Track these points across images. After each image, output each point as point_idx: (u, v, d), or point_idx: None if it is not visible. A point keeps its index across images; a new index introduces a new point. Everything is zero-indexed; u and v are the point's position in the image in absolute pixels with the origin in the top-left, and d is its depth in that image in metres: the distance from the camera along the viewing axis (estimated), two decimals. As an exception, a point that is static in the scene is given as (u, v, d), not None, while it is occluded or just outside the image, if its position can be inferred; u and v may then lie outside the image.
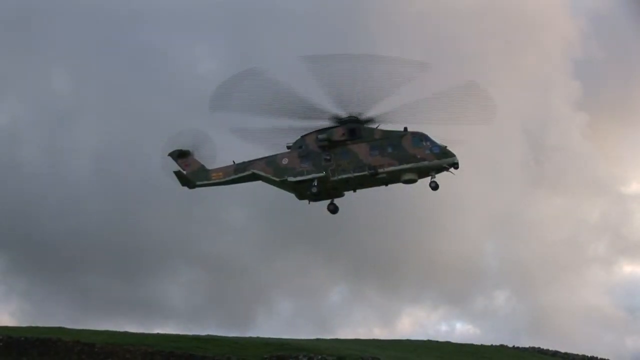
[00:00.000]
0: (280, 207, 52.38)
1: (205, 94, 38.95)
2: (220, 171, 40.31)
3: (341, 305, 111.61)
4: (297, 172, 38.03)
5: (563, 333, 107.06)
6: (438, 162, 36.39)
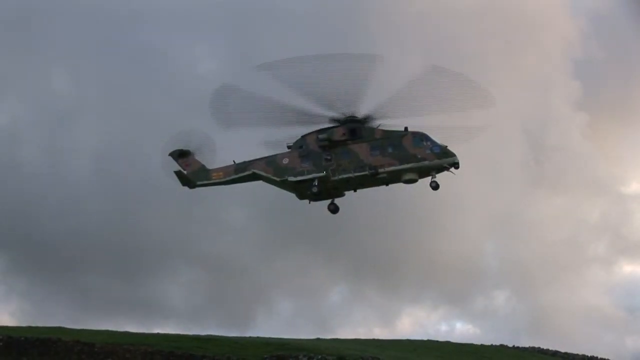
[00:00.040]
0: (281, 207, 52.35)
1: (205, 94, 38.88)
2: (221, 171, 40.23)
3: (341, 305, 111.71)
4: (298, 172, 37.96)
5: (563, 333, 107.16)
6: (438, 161, 36.33)
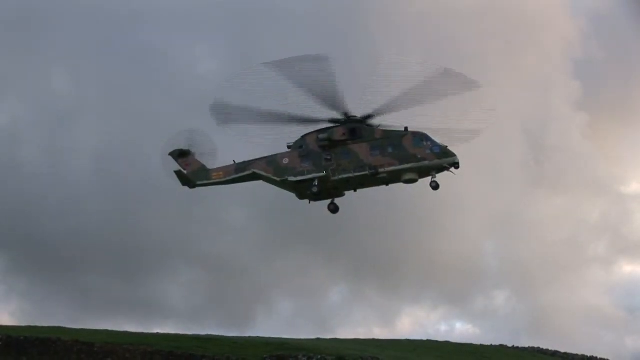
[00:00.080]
0: (281, 207, 52.34)
1: (205, 94, 39.02)
2: (221, 171, 40.23)
3: (341, 305, 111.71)
4: (298, 171, 37.96)
5: (563, 333, 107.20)
6: (439, 161, 36.31)
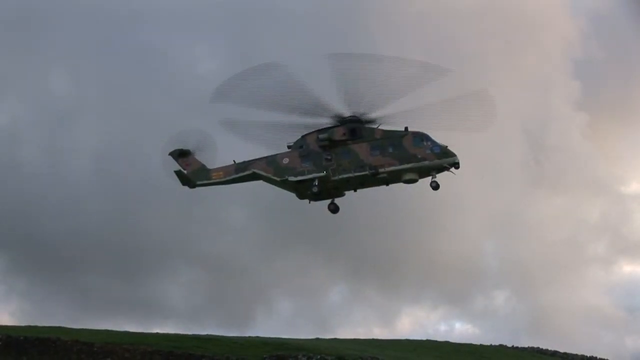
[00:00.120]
0: (281, 207, 52.30)
1: (205, 94, 38.89)
2: (221, 171, 40.22)
3: (341, 305, 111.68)
4: (298, 171, 37.95)
5: (562, 333, 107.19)
6: (439, 161, 36.31)
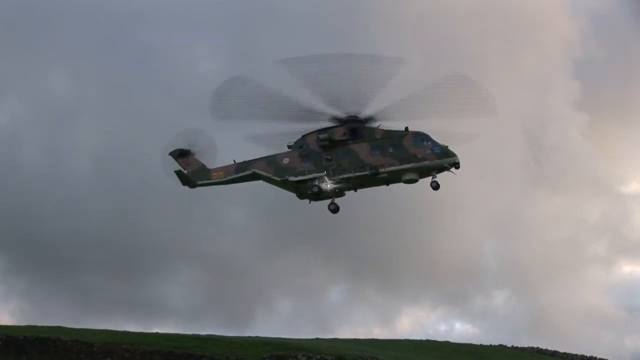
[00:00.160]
0: (281, 207, 52.32)
1: (205, 94, 38.90)
2: (221, 171, 40.25)
3: (341, 305, 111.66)
4: (298, 171, 38.02)
5: (562, 333, 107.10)
6: (439, 161, 36.38)
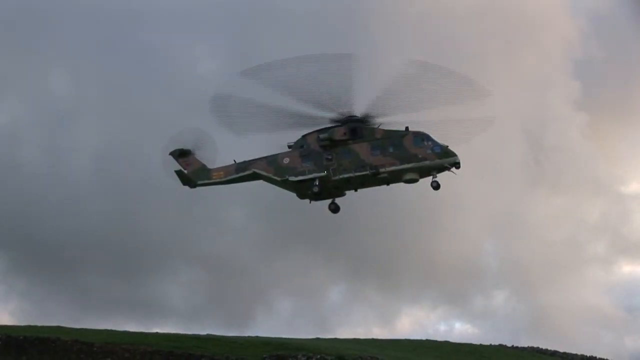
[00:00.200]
0: (281, 207, 52.29)
1: (205, 94, 38.92)
2: (222, 170, 40.21)
3: (340, 305, 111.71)
4: (299, 171, 37.95)
5: (562, 333, 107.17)
6: (439, 161, 36.30)
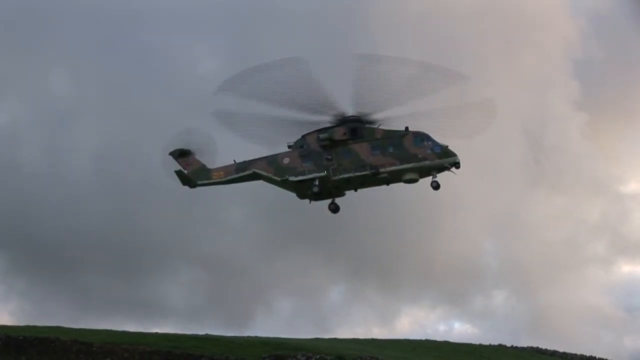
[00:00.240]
0: (281, 207, 52.27)
1: (205, 94, 38.94)
2: (221, 170, 40.21)
3: (340, 305, 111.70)
4: (299, 171, 37.96)
5: (562, 333, 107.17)
6: (439, 161, 36.30)
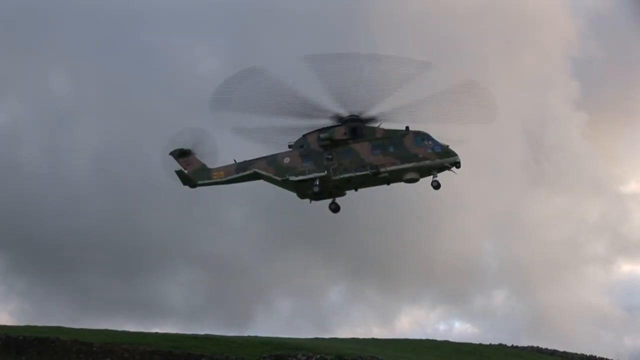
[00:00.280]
0: (281, 207, 52.28)
1: (205, 94, 38.88)
2: (222, 170, 40.20)
3: (340, 305, 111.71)
4: (299, 171, 37.95)
5: (562, 332, 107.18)
6: (440, 161, 36.32)
